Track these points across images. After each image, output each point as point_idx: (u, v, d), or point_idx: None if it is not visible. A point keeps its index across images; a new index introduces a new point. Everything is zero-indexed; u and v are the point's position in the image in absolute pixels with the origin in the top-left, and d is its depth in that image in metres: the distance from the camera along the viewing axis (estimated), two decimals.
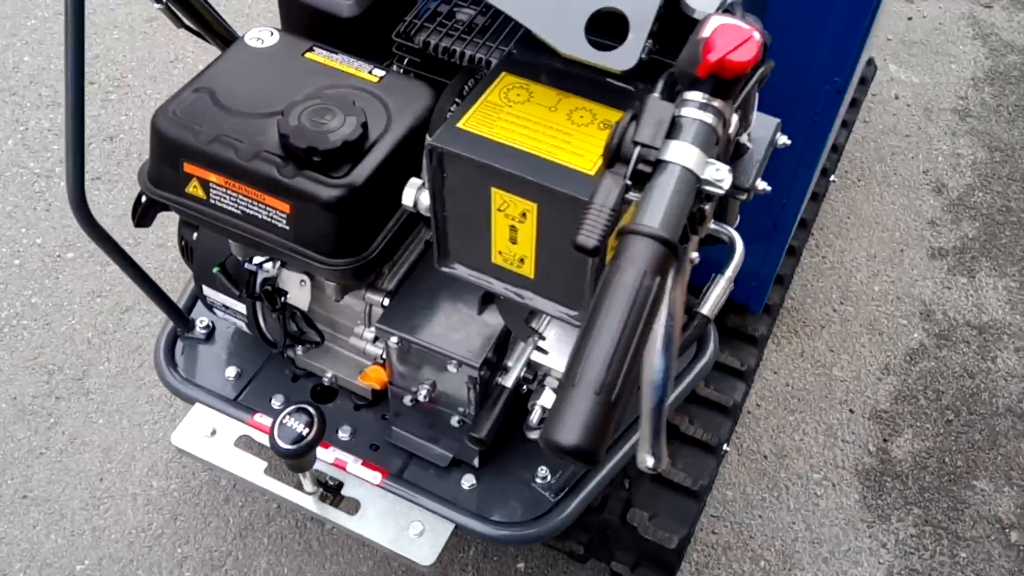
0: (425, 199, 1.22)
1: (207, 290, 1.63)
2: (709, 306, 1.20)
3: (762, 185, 1.26)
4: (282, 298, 1.54)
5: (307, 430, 1.39)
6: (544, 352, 1.39)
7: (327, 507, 1.59)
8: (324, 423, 1.41)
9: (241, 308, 1.60)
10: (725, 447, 1.97)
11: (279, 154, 1.32)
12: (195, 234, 1.59)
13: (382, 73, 1.44)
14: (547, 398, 1.48)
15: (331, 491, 1.62)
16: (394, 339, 1.46)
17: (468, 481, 1.64)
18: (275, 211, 1.34)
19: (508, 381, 1.41)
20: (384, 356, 1.56)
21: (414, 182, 1.23)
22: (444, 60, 1.49)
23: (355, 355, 1.63)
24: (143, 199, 1.53)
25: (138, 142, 2.84)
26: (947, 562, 2.18)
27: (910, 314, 2.63)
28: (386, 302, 1.50)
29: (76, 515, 2.12)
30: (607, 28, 0.99)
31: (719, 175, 0.88)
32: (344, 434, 1.70)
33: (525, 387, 1.51)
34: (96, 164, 2.80)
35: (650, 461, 0.98)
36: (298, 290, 1.54)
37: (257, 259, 1.50)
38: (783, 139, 1.26)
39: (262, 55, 1.45)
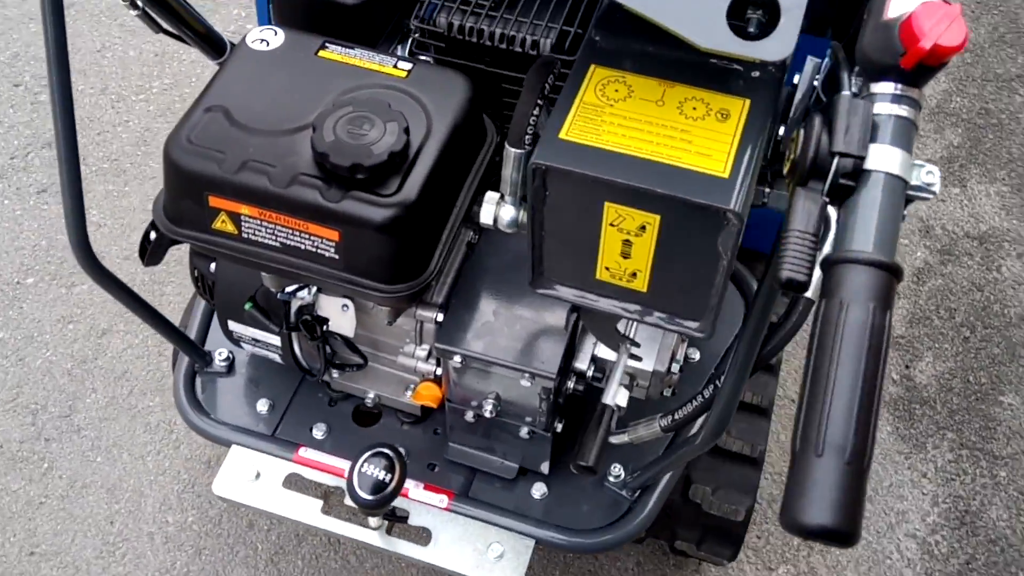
0: (506, 214, 1.08)
1: (233, 324, 1.46)
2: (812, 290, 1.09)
3: None
4: (323, 326, 1.39)
5: (388, 475, 1.25)
6: (639, 359, 1.27)
7: (396, 540, 1.47)
8: (405, 465, 1.27)
9: (275, 340, 1.44)
10: None
11: (318, 175, 1.16)
12: (212, 265, 1.42)
13: (409, 66, 1.28)
14: (622, 397, 1.37)
15: (391, 518, 1.49)
16: (457, 358, 1.33)
17: (539, 490, 1.53)
18: (321, 240, 1.18)
19: (608, 398, 1.28)
20: (439, 373, 1.43)
21: (491, 197, 1.09)
22: (471, 43, 1.33)
23: (403, 373, 1.49)
24: (152, 235, 1.36)
25: (80, 145, 2.58)
26: (988, 483, 2.15)
27: (910, 232, 2.58)
28: (439, 317, 1.36)
29: (91, 566, 1.96)
30: (738, 12, 0.86)
31: (930, 178, 0.76)
32: None
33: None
34: (39, 175, 2.55)
35: None
36: (340, 316, 1.38)
37: (290, 287, 1.35)
38: None
39: (271, 59, 1.28)
